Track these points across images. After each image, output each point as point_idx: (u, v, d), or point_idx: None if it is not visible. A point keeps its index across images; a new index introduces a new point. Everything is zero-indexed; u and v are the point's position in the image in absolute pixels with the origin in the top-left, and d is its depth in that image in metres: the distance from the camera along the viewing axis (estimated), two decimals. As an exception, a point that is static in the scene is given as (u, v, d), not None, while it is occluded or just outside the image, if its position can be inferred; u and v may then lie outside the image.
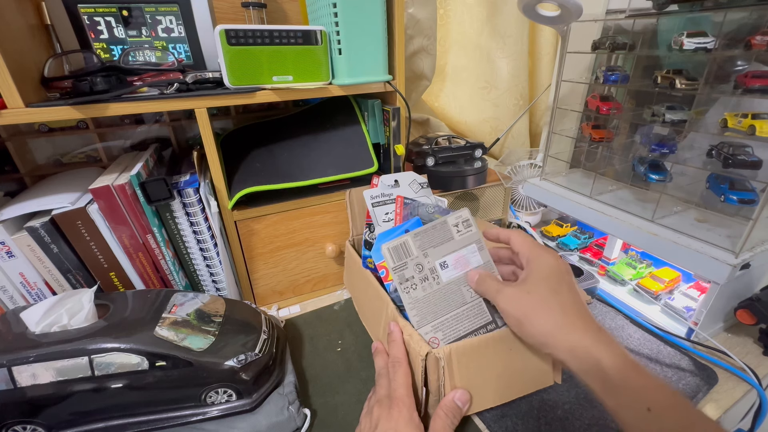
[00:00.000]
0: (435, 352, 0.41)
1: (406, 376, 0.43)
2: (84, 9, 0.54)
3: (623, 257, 0.73)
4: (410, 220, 0.54)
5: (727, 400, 0.48)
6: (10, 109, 0.44)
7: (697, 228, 0.55)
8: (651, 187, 0.63)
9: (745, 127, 0.48)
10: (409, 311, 0.44)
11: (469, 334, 0.45)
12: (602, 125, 0.69)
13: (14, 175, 0.62)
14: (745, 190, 0.52)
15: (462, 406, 0.43)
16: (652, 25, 0.59)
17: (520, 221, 0.71)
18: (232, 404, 0.46)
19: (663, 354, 0.54)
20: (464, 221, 0.47)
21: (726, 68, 0.51)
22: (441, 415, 0.41)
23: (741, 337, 0.58)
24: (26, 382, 0.40)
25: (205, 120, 0.53)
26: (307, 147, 0.67)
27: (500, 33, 0.91)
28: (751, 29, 0.47)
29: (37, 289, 0.52)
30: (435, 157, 0.74)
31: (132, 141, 0.70)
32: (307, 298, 0.71)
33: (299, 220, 0.65)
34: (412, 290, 0.45)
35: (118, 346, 0.41)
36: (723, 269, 0.49)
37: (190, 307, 0.49)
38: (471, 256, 0.47)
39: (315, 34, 0.55)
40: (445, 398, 0.43)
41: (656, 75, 0.57)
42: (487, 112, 0.97)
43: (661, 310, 0.62)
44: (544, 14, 0.63)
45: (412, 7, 0.78)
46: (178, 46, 0.60)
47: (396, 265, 0.45)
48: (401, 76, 0.63)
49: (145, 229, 0.54)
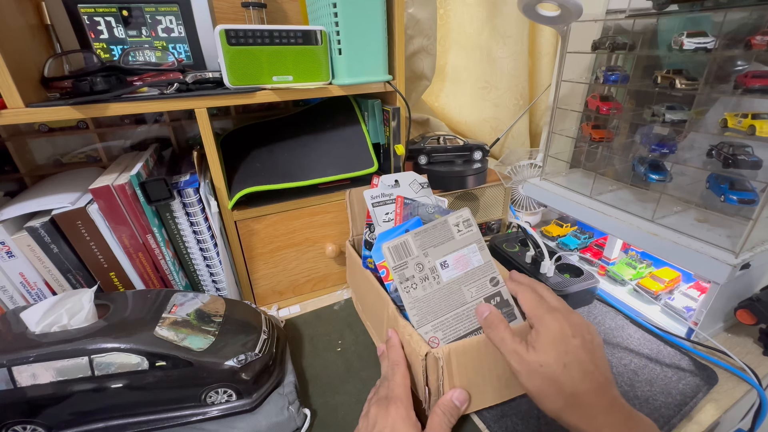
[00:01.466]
0: (434, 351, 0.41)
1: (403, 376, 0.43)
2: (84, 9, 0.54)
3: (623, 257, 0.73)
4: (410, 220, 0.54)
5: (727, 400, 0.48)
6: (10, 109, 0.44)
7: (697, 228, 0.55)
8: (651, 187, 0.63)
9: (745, 127, 0.48)
10: (409, 311, 0.44)
11: (469, 333, 0.45)
12: (602, 125, 0.69)
13: (14, 175, 0.62)
14: (745, 190, 0.52)
15: (460, 406, 0.43)
16: (652, 25, 0.59)
17: (520, 221, 0.71)
18: (232, 404, 0.46)
19: (663, 354, 0.54)
20: (465, 221, 0.47)
21: (726, 68, 0.51)
22: (438, 413, 0.41)
23: (741, 337, 0.58)
24: (26, 382, 0.40)
25: (205, 120, 0.53)
26: (307, 147, 0.67)
27: (500, 33, 0.91)
28: (751, 29, 0.47)
29: (37, 289, 0.52)
30: (428, 156, 0.74)
31: (132, 141, 0.70)
32: (307, 298, 0.71)
33: (299, 220, 0.65)
34: (412, 290, 0.45)
35: (118, 346, 0.41)
36: (723, 269, 0.49)
37: (190, 307, 0.49)
38: (472, 256, 0.47)
39: (315, 34, 0.55)
40: (443, 397, 0.43)
41: (656, 75, 0.57)
42: (487, 112, 0.97)
43: (661, 310, 0.62)
44: (544, 14, 0.63)
45: (412, 7, 0.77)
46: (178, 46, 0.60)
47: (396, 264, 0.45)
48: (401, 76, 0.63)
49: (145, 229, 0.54)
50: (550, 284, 0.62)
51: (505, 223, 0.88)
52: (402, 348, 0.46)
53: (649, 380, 0.50)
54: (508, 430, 0.45)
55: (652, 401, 0.47)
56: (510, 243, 0.75)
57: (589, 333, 0.39)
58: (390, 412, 0.40)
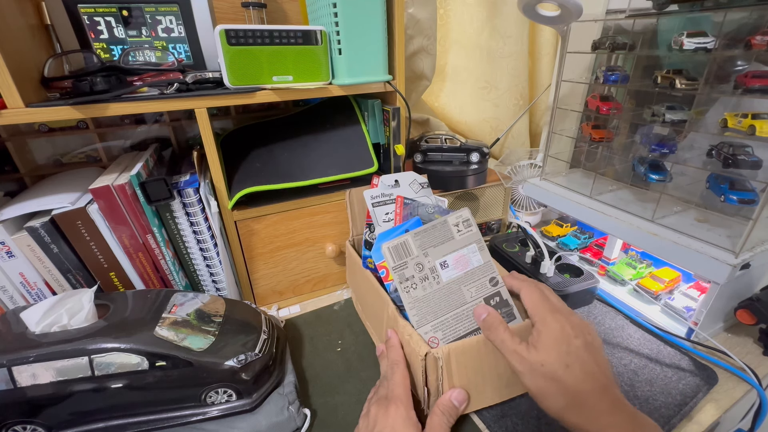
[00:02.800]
0: (434, 352, 0.41)
1: (403, 376, 0.43)
2: (84, 9, 0.54)
3: (623, 257, 0.73)
4: (410, 220, 0.54)
5: (727, 400, 0.48)
6: (10, 109, 0.44)
7: (697, 228, 0.55)
8: (651, 187, 0.63)
9: (745, 127, 0.48)
10: (409, 311, 0.44)
11: (469, 333, 0.45)
12: (602, 125, 0.69)
13: (14, 175, 0.62)
14: (745, 190, 0.52)
15: (459, 405, 0.43)
16: (652, 25, 0.59)
17: (520, 221, 0.71)
18: (232, 404, 0.46)
19: (663, 354, 0.54)
20: (465, 221, 0.47)
21: (726, 68, 0.51)
22: (437, 413, 0.41)
23: (741, 337, 0.58)
24: (26, 382, 0.40)
25: (205, 120, 0.53)
26: (307, 147, 0.67)
27: (500, 33, 0.91)
28: (751, 29, 0.47)
29: (37, 289, 0.52)
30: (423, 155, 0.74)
31: (132, 141, 0.70)
32: (307, 298, 0.71)
33: (299, 220, 0.65)
34: (412, 290, 0.45)
35: (118, 346, 0.41)
36: (723, 269, 0.49)
37: (190, 307, 0.49)
38: (471, 256, 0.47)
39: (315, 34, 0.55)
40: (442, 397, 0.43)
41: (656, 75, 0.57)
42: (487, 112, 0.97)
43: (661, 310, 0.62)
44: (544, 14, 0.63)
45: (412, 7, 0.77)
46: (178, 46, 0.59)
47: (396, 264, 0.45)
48: (401, 76, 0.63)
49: (145, 229, 0.54)
50: (550, 284, 0.62)
51: (505, 223, 0.88)
52: (401, 348, 0.46)
53: (649, 380, 0.50)
54: (508, 430, 0.45)
55: (652, 401, 0.47)
56: (510, 243, 0.75)
57: (590, 334, 0.39)
58: (390, 412, 0.40)
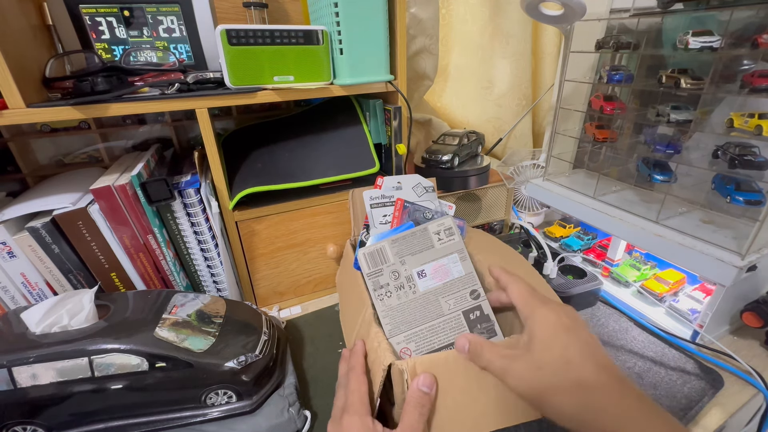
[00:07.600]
0: (399, 363, 0.37)
1: (357, 382, 0.40)
2: (85, 9, 0.54)
3: (627, 258, 0.72)
4: (404, 225, 0.53)
5: (733, 404, 0.48)
6: (11, 109, 0.44)
7: (703, 229, 0.54)
8: (655, 188, 0.62)
9: (751, 127, 0.47)
10: (382, 319, 0.43)
11: (445, 347, 0.42)
12: (606, 125, 0.69)
13: (16, 176, 0.63)
14: (752, 191, 0.51)
15: (429, 391, 0.38)
16: (657, 23, 0.58)
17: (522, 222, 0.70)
18: (232, 406, 0.45)
19: (668, 357, 0.53)
20: (446, 229, 0.46)
21: (732, 67, 0.50)
22: (409, 410, 0.37)
23: (747, 340, 0.57)
24: (26, 382, 0.39)
25: (206, 120, 0.53)
26: (308, 147, 0.67)
27: (503, 33, 0.90)
28: (757, 28, 0.46)
29: (38, 290, 0.52)
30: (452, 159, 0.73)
31: (134, 141, 0.70)
32: (308, 298, 0.71)
33: (300, 220, 0.64)
34: (386, 298, 0.43)
35: (118, 347, 0.41)
36: (729, 271, 0.48)
37: (190, 307, 0.49)
38: (452, 266, 0.45)
39: (316, 34, 0.54)
40: (410, 389, 0.37)
41: (661, 74, 0.56)
42: (489, 112, 0.96)
43: (665, 313, 0.61)
44: (548, 13, 0.63)
45: (414, 7, 0.77)
46: (180, 46, 0.59)
47: (371, 271, 0.43)
48: (403, 76, 0.63)
49: (146, 229, 0.53)
50: (553, 286, 0.61)
51: (508, 224, 0.87)
52: (364, 356, 0.42)
53: (654, 384, 0.49)
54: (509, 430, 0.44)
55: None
56: (512, 244, 0.74)
57: (586, 326, 0.36)
58: (343, 424, 0.37)
